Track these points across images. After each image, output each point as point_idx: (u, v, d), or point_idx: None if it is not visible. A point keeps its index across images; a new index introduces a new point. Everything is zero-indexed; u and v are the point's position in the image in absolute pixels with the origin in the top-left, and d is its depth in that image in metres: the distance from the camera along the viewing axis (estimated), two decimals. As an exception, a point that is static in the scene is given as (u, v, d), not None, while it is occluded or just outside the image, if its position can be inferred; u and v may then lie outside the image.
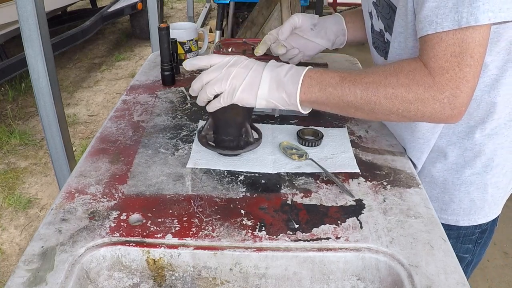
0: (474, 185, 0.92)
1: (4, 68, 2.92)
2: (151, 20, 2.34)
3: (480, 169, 0.90)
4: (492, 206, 0.95)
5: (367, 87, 0.73)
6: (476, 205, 0.94)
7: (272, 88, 0.76)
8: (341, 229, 0.74)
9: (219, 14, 3.26)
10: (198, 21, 5.04)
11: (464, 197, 0.93)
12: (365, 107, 0.74)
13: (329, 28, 1.07)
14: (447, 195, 0.94)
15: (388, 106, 0.72)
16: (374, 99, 0.72)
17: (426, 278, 0.65)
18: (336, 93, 0.74)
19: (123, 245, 0.70)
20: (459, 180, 0.92)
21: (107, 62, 4.33)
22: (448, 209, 0.96)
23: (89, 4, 4.84)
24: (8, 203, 2.41)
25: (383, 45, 0.92)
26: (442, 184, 0.94)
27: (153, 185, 0.84)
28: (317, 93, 0.75)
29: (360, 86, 0.73)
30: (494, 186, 0.93)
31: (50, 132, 1.73)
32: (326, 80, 0.75)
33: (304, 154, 0.91)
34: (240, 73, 0.77)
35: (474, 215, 0.95)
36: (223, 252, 0.70)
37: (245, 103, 0.79)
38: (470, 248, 0.99)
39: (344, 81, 0.74)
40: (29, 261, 0.67)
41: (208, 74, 0.80)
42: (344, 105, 0.75)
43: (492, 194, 0.93)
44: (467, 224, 0.95)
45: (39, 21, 1.51)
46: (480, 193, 0.93)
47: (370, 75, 0.74)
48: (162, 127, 1.04)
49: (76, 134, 3.08)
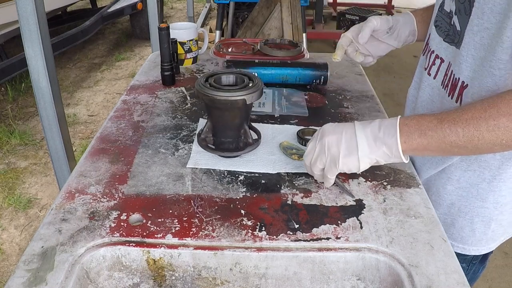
0: (480, 216, 0.90)
1: (4, 68, 2.92)
2: (151, 20, 2.34)
3: (490, 204, 0.88)
4: (490, 241, 0.94)
5: (467, 124, 0.70)
6: (475, 236, 0.92)
7: (371, 146, 0.74)
8: (341, 229, 0.74)
9: (219, 14, 3.25)
10: (198, 21, 5.04)
11: (466, 226, 0.92)
12: (468, 144, 0.71)
13: (401, 30, 1.06)
14: (449, 218, 0.93)
15: (491, 139, 0.69)
16: (477, 135, 0.69)
17: (426, 278, 0.65)
18: (437, 135, 0.72)
19: (123, 245, 0.70)
20: (466, 208, 0.90)
21: (107, 62, 4.33)
22: (447, 231, 0.92)
23: (89, 4, 4.84)
24: (8, 203, 2.41)
25: (446, 26, 0.88)
26: (448, 207, 0.93)
27: (153, 185, 0.84)
28: (417, 139, 0.72)
29: (460, 124, 0.70)
30: (498, 223, 0.91)
31: (50, 132, 1.73)
32: (424, 125, 0.73)
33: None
34: (333, 141, 0.75)
35: (470, 245, 0.94)
36: (223, 252, 0.70)
37: (350, 168, 0.77)
38: (464, 267, 0.97)
39: (443, 122, 0.72)
40: (29, 261, 0.67)
41: (307, 156, 0.79)
42: (446, 147, 0.72)
43: (494, 229, 0.92)
44: (460, 252, 0.94)
45: (39, 21, 1.51)
46: (483, 226, 0.91)
47: (468, 111, 0.71)
48: (162, 127, 1.04)
49: (76, 134, 3.08)
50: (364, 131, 0.75)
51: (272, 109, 1.14)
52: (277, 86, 1.26)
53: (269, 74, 1.24)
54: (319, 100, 1.20)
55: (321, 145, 0.76)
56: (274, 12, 2.93)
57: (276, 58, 1.33)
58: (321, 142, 0.77)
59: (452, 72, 0.85)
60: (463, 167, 0.87)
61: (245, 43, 1.47)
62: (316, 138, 0.78)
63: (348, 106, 1.17)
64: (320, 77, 1.24)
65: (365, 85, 1.30)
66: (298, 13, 2.95)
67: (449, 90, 0.86)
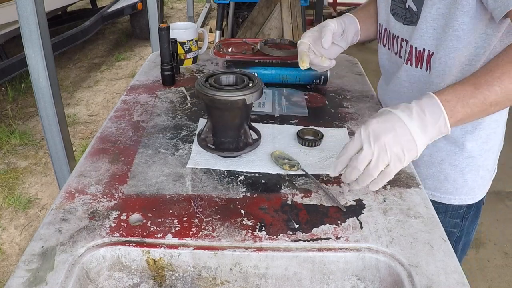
0: (468, 166, 1.00)
1: (4, 68, 2.92)
2: (151, 20, 2.34)
3: (476, 153, 0.98)
4: (481, 187, 1.04)
5: (502, 80, 0.73)
6: (468, 185, 1.02)
7: (424, 131, 0.75)
8: (341, 229, 0.74)
9: (219, 14, 3.26)
10: (198, 21, 5.05)
11: (458, 177, 1.01)
12: (505, 99, 0.75)
13: (348, 31, 1.09)
14: (442, 175, 1.01)
15: None
16: (511, 87, 0.73)
17: (426, 278, 0.65)
18: (478, 101, 0.74)
19: (123, 245, 0.70)
20: (456, 161, 1.00)
21: (107, 62, 4.33)
22: (441, 188, 1.02)
23: (89, 4, 4.84)
24: (8, 203, 2.41)
25: (402, 11, 0.97)
26: (439, 164, 1.01)
27: (153, 185, 0.84)
28: (461, 110, 0.75)
29: (495, 82, 0.73)
30: (485, 169, 1.02)
31: (50, 132, 1.73)
32: (462, 94, 0.75)
33: (296, 165, 0.89)
34: (391, 141, 0.74)
35: (465, 195, 1.02)
36: (223, 252, 0.70)
37: (412, 159, 0.77)
38: (457, 222, 1.06)
39: (478, 86, 0.74)
40: (29, 261, 0.67)
41: (362, 161, 0.75)
42: (487, 107, 0.75)
43: (482, 176, 1.02)
44: (458, 203, 1.03)
45: (39, 21, 1.51)
46: (473, 174, 1.01)
47: (496, 68, 0.74)
48: (162, 127, 1.04)
49: (76, 134, 3.08)
50: (412, 121, 0.74)
51: (272, 109, 1.14)
52: (277, 86, 1.26)
53: (269, 74, 1.24)
54: (319, 100, 1.20)
55: (380, 147, 0.73)
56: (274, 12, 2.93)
57: (276, 58, 1.33)
58: (379, 144, 0.73)
59: (416, 48, 0.95)
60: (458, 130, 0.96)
61: (245, 43, 1.47)
62: (369, 141, 0.74)
63: (348, 106, 1.17)
64: (320, 77, 1.24)
65: (365, 85, 1.30)
66: (298, 13, 2.95)
67: (416, 62, 0.96)
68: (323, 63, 1.07)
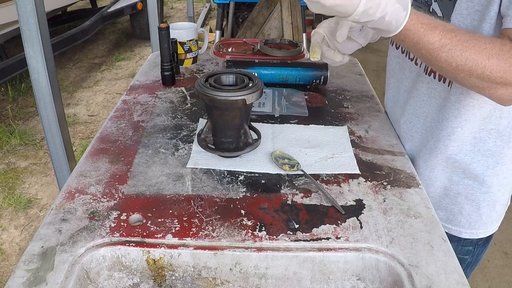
0: (485, 201, 0.93)
1: (4, 68, 2.92)
2: (151, 20, 2.34)
3: (495, 188, 0.92)
4: (494, 222, 0.97)
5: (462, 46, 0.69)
6: (482, 220, 0.95)
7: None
8: (341, 229, 0.74)
9: (219, 14, 3.25)
10: (198, 21, 5.04)
11: (473, 212, 0.94)
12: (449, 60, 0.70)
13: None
14: (456, 208, 0.95)
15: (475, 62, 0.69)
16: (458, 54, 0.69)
17: (426, 278, 0.65)
18: (442, 24, 0.71)
19: (123, 245, 0.70)
20: (473, 196, 0.93)
21: (107, 62, 4.33)
22: (454, 220, 0.96)
23: (89, 4, 4.84)
24: (8, 203, 2.41)
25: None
26: (454, 197, 0.94)
27: (153, 185, 0.84)
28: (427, 16, 0.71)
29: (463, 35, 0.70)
30: (501, 204, 0.95)
31: (50, 132, 1.73)
32: (429, 22, 0.71)
33: (296, 165, 0.89)
34: None
35: (478, 229, 0.96)
36: (223, 252, 0.70)
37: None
38: (470, 250, 1.00)
39: (445, 31, 0.70)
40: (29, 261, 0.67)
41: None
42: (441, 40, 0.70)
43: (498, 210, 0.95)
44: (469, 237, 0.96)
45: (39, 21, 1.51)
46: (489, 209, 0.94)
47: (470, 38, 0.70)
48: (162, 127, 1.04)
49: (76, 134, 3.08)
50: None
51: (272, 109, 1.14)
52: (277, 86, 1.26)
53: (269, 74, 1.24)
54: (319, 100, 1.20)
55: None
56: (274, 12, 2.93)
57: (276, 58, 1.33)
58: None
59: None
60: (468, 160, 0.89)
61: (245, 43, 1.47)
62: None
63: (348, 106, 1.17)
64: (320, 77, 1.24)
65: (365, 85, 1.30)
66: (298, 13, 2.95)
67: (439, 74, 0.88)
68: (334, 58, 0.97)
